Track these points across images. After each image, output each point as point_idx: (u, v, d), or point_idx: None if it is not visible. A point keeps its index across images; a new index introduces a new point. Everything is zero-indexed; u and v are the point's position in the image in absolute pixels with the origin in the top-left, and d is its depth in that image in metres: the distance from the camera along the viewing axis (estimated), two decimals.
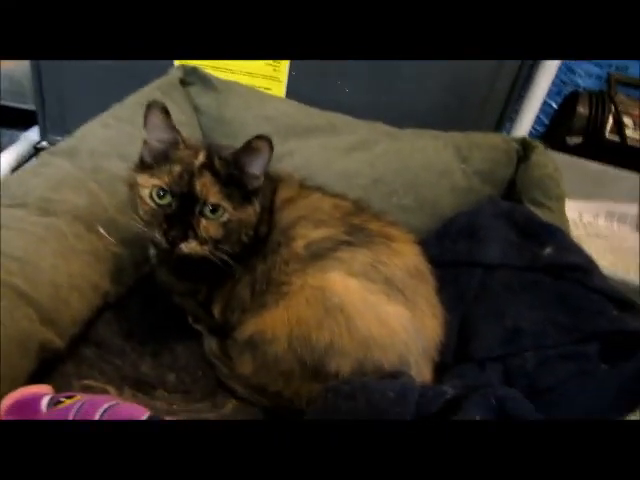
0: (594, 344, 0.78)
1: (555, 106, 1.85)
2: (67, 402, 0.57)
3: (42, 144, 1.55)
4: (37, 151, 1.53)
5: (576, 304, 0.83)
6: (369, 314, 0.74)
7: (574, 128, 1.67)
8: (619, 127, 1.63)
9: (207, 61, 1.37)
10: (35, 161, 0.99)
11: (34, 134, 1.58)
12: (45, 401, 0.58)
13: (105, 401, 0.57)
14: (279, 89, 1.45)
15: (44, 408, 0.57)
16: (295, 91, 1.41)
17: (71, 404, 0.57)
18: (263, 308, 0.78)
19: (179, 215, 0.74)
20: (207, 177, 0.74)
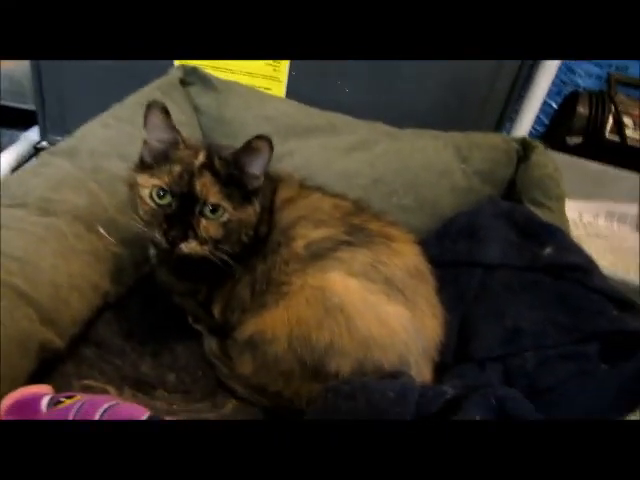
0: (594, 344, 0.78)
1: (555, 106, 1.85)
2: (67, 402, 0.57)
3: (42, 144, 1.55)
4: (37, 151, 1.53)
5: (576, 304, 0.82)
6: (369, 314, 0.74)
7: (574, 128, 1.67)
8: (619, 127, 1.63)
9: (207, 61, 1.37)
10: (35, 161, 0.99)
11: (34, 134, 1.58)
12: (45, 401, 0.58)
13: (105, 401, 0.57)
14: (279, 89, 1.45)
15: (44, 408, 0.57)
16: (295, 91, 1.41)
17: (71, 404, 0.57)
18: (263, 308, 0.78)
19: (179, 215, 0.74)
20: (207, 177, 0.74)
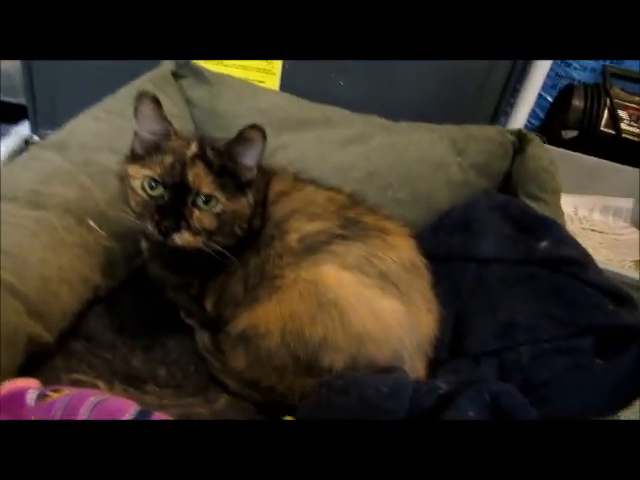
0: (589, 338, 0.77)
1: (550, 99, 1.84)
2: (54, 396, 0.57)
3: (33, 138, 1.54)
4: (28, 145, 1.52)
5: (571, 298, 0.82)
6: (363, 308, 0.73)
7: (569, 121, 1.67)
8: (614, 120, 1.63)
9: None
10: (25, 155, 0.98)
11: (25, 128, 1.57)
12: (31, 395, 0.57)
13: (92, 395, 0.56)
14: (273, 82, 1.44)
15: (31, 402, 0.57)
16: (289, 84, 1.41)
17: (58, 398, 0.56)
18: (256, 302, 0.78)
19: (171, 206, 0.73)
20: (200, 167, 0.74)
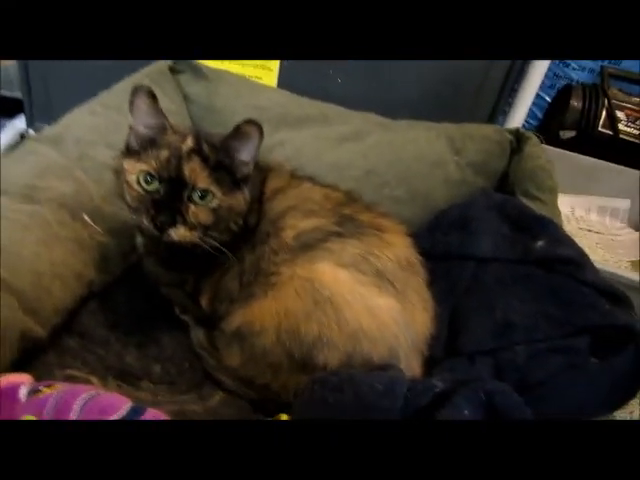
0: (585, 338, 0.77)
1: (548, 99, 1.84)
2: (46, 391, 0.56)
3: (29, 132, 1.53)
4: (24, 139, 1.51)
5: (568, 297, 0.82)
6: (359, 306, 0.73)
7: (567, 122, 1.67)
8: (612, 121, 1.63)
9: None
10: (21, 148, 0.97)
11: (21, 122, 1.57)
12: (23, 390, 0.57)
13: (85, 391, 0.56)
14: (270, 78, 1.44)
15: (22, 397, 0.56)
16: (286, 81, 1.40)
17: (50, 393, 0.55)
18: (251, 299, 0.77)
19: (167, 201, 0.72)
20: (196, 162, 0.73)
